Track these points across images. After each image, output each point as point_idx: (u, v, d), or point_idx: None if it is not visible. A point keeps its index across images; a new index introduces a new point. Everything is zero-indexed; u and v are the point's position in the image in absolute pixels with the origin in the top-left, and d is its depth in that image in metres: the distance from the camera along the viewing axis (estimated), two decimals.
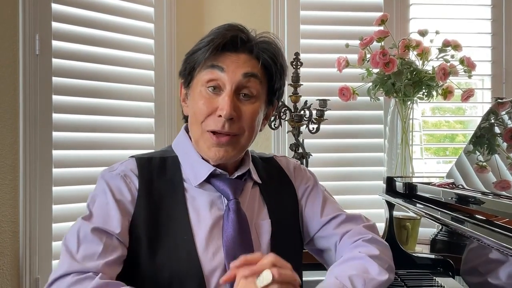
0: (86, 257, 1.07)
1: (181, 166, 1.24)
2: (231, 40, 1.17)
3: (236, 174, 1.25)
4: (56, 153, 2.03)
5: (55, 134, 2.03)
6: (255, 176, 1.30)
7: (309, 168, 1.47)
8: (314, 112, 2.32)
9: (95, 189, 1.20)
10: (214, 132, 1.16)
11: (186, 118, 1.30)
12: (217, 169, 1.21)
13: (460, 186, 1.46)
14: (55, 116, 2.03)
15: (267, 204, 1.28)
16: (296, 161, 1.43)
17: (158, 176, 1.21)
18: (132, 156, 1.25)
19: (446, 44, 2.31)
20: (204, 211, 1.19)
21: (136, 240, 1.14)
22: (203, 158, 1.22)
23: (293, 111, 2.33)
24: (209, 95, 1.17)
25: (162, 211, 1.17)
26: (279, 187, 1.33)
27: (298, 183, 1.36)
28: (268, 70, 1.22)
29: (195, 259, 1.13)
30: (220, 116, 1.14)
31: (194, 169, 1.22)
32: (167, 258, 1.12)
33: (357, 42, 2.30)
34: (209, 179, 1.21)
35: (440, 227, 1.77)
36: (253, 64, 1.19)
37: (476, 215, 1.19)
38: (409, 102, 2.33)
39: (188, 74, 1.23)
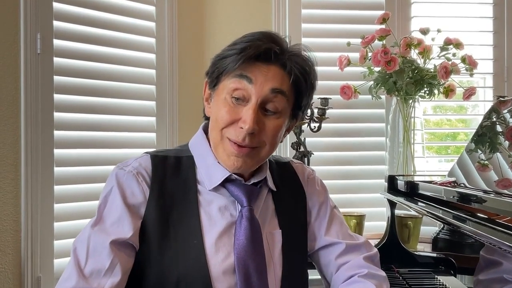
0: (93, 273, 1.07)
1: (196, 167, 1.22)
2: (264, 52, 1.13)
3: (252, 180, 1.22)
4: (57, 152, 2.03)
5: (57, 133, 2.03)
6: (271, 183, 1.27)
7: (311, 167, 1.46)
8: (315, 110, 2.32)
9: (105, 187, 1.18)
10: (233, 141, 1.14)
11: (206, 117, 1.28)
12: (233, 174, 1.19)
13: (462, 185, 1.45)
14: (57, 115, 2.03)
15: (278, 214, 1.26)
16: (312, 170, 1.41)
17: (171, 176, 1.19)
18: (147, 153, 1.23)
19: (448, 42, 2.31)
20: (216, 215, 1.18)
21: (145, 241, 1.13)
22: (219, 162, 1.20)
23: None
24: (234, 104, 1.14)
25: (173, 212, 1.15)
26: (291, 196, 1.31)
27: (310, 193, 1.34)
28: (297, 86, 1.18)
29: (203, 264, 1.11)
30: (241, 128, 1.12)
31: (209, 172, 1.20)
32: (175, 261, 1.11)
33: (358, 40, 2.30)
34: (223, 183, 1.19)
35: (442, 225, 1.77)
36: (282, 79, 1.15)
37: (478, 214, 1.18)
38: (410, 101, 2.32)
39: (215, 77, 1.19)
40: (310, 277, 1.31)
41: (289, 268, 1.22)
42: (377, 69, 2.33)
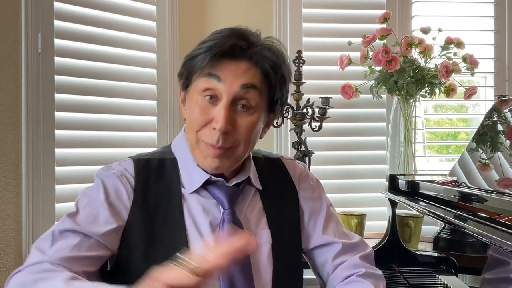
0: (55, 252, 1.02)
1: (179, 170, 1.21)
2: (229, 49, 1.11)
3: (234, 181, 1.21)
4: (58, 151, 2.03)
5: (58, 132, 2.03)
6: (255, 182, 1.26)
7: (312, 166, 1.46)
8: (316, 110, 2.31)
9: (89, 187, 1.17)
10: (209, 143, 1.13)
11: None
12: (212, 176, 1.17)
13: (463, 184, 1.45)
14: (58, 114, 2.03)
15: (267, 213, 1.24)
16: (303, 166, 1.38)
17: (155, 179, 1.18)
18: (130, 157, 1.22)
19: (449, 41, 2.31)
20: (200, 218, 1.16)
21: (129, 248, 1.12)
22: (198, 165, 1.19)
23: (295, 109, 2.32)
24: (205, 104, 1.13)
25: (158, 217, 1.14)
26: (281, 193, 1.29)
27: (303, 190, 1.32)
28: (268, 80, 1.16)
29: None
30: (214, 128, 1.10)
31: (190, 175, 1.19)
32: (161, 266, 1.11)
33: (359, 40, 2.30)
34: (205, 186, 1.18)
35: (443, 225, 1.77)
36: (252, 74, 1.13)
37: (479, 213, 1.19)
38: (411, 100, 2.32)
39: (186, 78, 1.18)
40: (304, 276, 1.29)
41: (281, 268, 1.20)
42: (378, 68, 2.33)
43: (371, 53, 2.28)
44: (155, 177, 1.18)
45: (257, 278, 1.16)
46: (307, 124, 2.33)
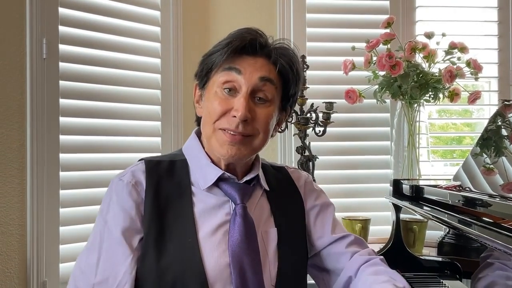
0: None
1: (189, 169, 1.24)
2: (249, 44, 1.18)
3: (245, 178, 1.24)
4: (63, 156, 2.03)
5: (62, 137, 2.03)
6: (263, 182, 1.29)
7: (316, 171, 1.46)
8: (320, 114, 2.32)
9: (104, 201, 1.20)
10: (227, 130, 1.16)
11: (198, 121, 1.30)
12: (226, 172, 1.21)
13: (467, 189, 1.45)
14: (62, 119, 2.03)
15: (274, 212, 1.27)
16: (307, 175, 1.42)
17: (166, 178, 1.21)
18: (141, 159, 1.25)
19: (453, 46, 2.31)
20: (210, 214, 1.19)
21: (142, 242, 1.14)
22: (212, 162, 1.22)
23: (299, 113, 2.33)
24: (225, 96, 1.18)
25: (168, 213, 1.17)
26: (287, 197, 1.32)
27: (308, 197, 1.36)
28: (284, 76, 1.23)
29: (198, 262, 1.12)
30: (234, 116, 1.15)
31: (203, 172, 1.22)
32: (171, 261, 1.12)
33: (363, 44, 2.30)
34: (217, 183, 1.21)
35: (447, 229, 1.76)
36: (270, 69, 1.20)
37: (483, 218, 1.18)
38: (415, 105, 2.32)
39: (204, 75, 1.23)
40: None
41: (285, 266, 1.22)
42: (382, 73, 2.33)
43: (374, 58, 2.29)
44: (165, 177, 1.21)
45: (265, 273, 1.19)
46: (311, 129, 2.34)
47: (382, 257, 1.29)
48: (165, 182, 1.20)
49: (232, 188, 1.21)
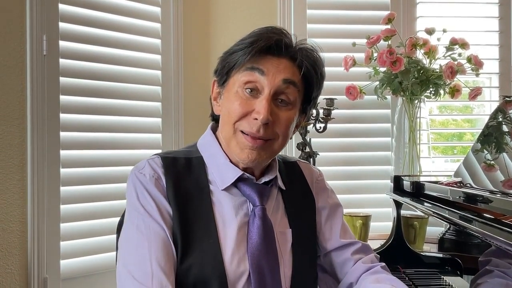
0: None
1: (206, 167, 1.21)
2: (275, 44, 1.14)
3: (263, 179, 1.22)
4: (63, 153, 2.04)
5: (63, 134, 2.03)
6: (280, 183, 1.27)
7: (318, 167, 1.46)
8: (321, 111, 2.32)
9: (130, 195, 1.16)
10: (247, 134, 1.14)
11: (213, 117, 1.28)
12: (245, 173, 1.19)
13: (468, 185, 1.45)
14: (63, 116, 2.04)
15: (288, 213, 1.26)
16: (319, 172, 1.40)
17: (184, 176, 1.18)
18: (156, 154, 1.22)
19: (454, 42, 2.30)
20: (229, 215, 1.17)
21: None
22: (231, 161, 1.20)
23: None
24: (246, 96, 1.14)
25: (189, 212, 1.15)
26: (300, 195, 1.31)
27: (319, 196, 1.34)
28: (307, 79, 1.20)
29: (220, 264, 1.11)
30: (255, 119, 1.12)
31: (221, 172, 1.20)
32: (193, 262, 1.11)
33: (364, 41, 2.30)
34: (235, 183, 1.19)
35: (448, 226, 1.76)
36: (293, 71, 1.17)
37: (484, 214, 1.18)
38: (416, 101, 2.32)
39: (225, 73, 1.19)
40: None
41: (298, 267, 1.22)
42: (383, 69, 2.33)
43: (375, 54, 2.28)
44: (183, 174, 1.18)
45: (280, 274, 1.18)
46: (312, 125, 2.33)
47: (383, 264, 1.29)
48: (183, 180, 1.17)
49: (250, 189, 1.19)
